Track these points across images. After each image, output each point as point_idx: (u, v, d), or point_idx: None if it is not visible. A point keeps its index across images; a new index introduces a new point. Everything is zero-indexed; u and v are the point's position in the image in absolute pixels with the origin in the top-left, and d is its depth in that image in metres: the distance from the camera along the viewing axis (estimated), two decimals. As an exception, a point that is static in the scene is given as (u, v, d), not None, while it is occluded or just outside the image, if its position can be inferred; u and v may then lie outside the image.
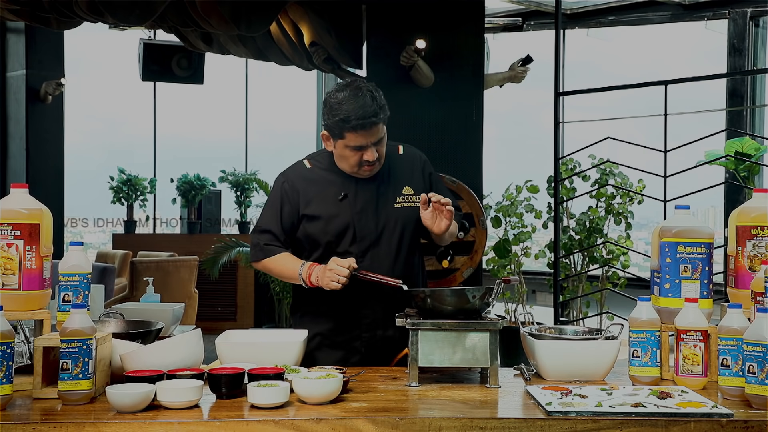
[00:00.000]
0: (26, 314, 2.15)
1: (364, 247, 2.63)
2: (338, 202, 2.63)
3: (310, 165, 2.72)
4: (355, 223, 2.62)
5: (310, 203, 2.64)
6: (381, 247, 2.64)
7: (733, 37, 7.40)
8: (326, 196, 2.64)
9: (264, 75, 10.94)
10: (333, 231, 2.62)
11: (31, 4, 5.40)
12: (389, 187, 2.67)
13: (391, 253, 2.64)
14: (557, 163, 5.68)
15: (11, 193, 2.18)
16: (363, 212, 2.63)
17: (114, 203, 9.31)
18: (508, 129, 10.48)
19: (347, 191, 2.64)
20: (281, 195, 2.68)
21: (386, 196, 2.66)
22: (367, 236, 2.63)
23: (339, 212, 2.62)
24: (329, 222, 2.62)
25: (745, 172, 6.12)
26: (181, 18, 5.54)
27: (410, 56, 5.68)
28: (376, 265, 2.60)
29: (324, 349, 2.68)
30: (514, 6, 8.43)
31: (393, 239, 2.65)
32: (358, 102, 2.50)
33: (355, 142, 2.54)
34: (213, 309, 8.37)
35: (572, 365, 2.31)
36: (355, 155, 2.57)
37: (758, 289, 2.16)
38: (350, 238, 2.63)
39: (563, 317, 6.30)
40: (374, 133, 2.53)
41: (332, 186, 2.65)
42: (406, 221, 2.66)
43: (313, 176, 2.68)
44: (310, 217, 2.64)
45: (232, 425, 1.87)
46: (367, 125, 2.50)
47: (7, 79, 8.84)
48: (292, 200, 2.66)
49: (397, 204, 2.66)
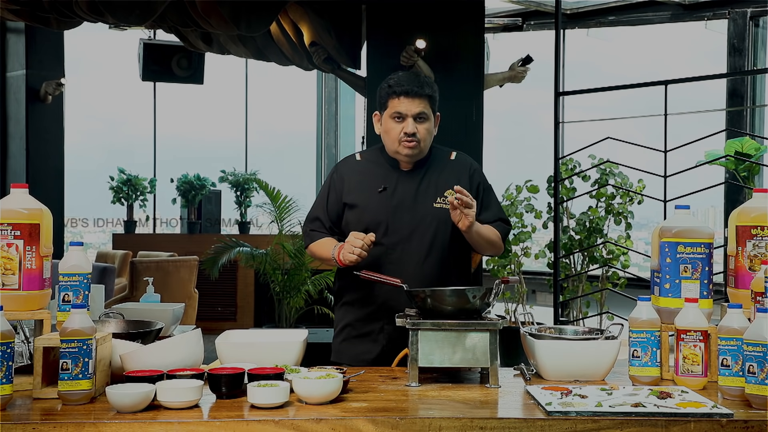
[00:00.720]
0: (26, 314, 2.15)
1: (396, 240, 2.67)
2: (377, 193, 2.71)
3: (360, 158, 2.84)
4: (389, 216, 2.69)
5: (351, 192, 2.75)
6: (412, 242, 2.68)
7: (733, 37, 7.40)
8: (367, 187, 2.74)
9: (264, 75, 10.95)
10: (367, 221, 2.70)
11: (31, 4, 5.40)
12: (431, 186, 2.72)
13: (422, 250, 2.68)
14: (557, 163, 5.68)
15: (11, 193, 2.18)
16: (399, 206, 2.70)
17: (114, 203, 9.31)
18: (508, 129, 10.50)
19: (388, 184, 2.72)
20: (330, 184, 2.81)
21: (426, 195, 2.72)
22: (399, 230, 2.68)
23: (376, 203, 2.71)
24: (365, 211, 2.71)
25: (745, 172, 6.12)
26: (181, 18, 5.55)
27: (410, 56, 5.68)
28: (405, 259, 2.66)
29: (350, 340, 2.75)
30: (514, 6, 8.43)
31: (426, 237, 2.68)
32: (410, 76, 2.70)
33: (397, 108, 2.65)
34: (213, 309, 8.37)
35: (572, 365, 2.31)
36: (397, 127, 2.67)
37: (758, 289, 2.16)
38: (383, 229, 2.68)
39: (563, 317, 6.30)
40: (417, 103, 2.64)
41: (375, 178, 2.74)
42: (443, 222, 2.69)
43: (360, 168, 2.80)
44: (350, 205, 2.74)
45: (232, 425, 1.87)
46: (411, 93, 2.63)
47: (7, 79, 8.84)
48: (338, 189, 2.77)
49: (437, 204, 2.71)
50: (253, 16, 5.55)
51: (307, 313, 7.22)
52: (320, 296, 7.12)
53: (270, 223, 7.55)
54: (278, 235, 7.21)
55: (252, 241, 7.71)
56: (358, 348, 2.74)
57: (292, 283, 6.91)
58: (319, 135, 11.00)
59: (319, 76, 10.66)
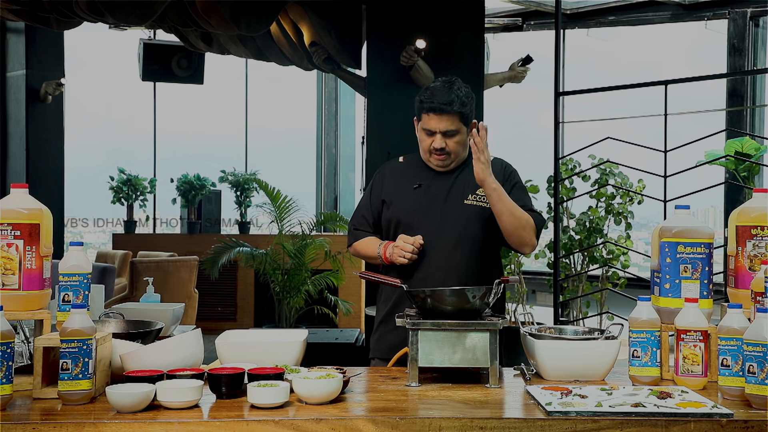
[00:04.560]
0: (26, 314, 2.15)
1: (426, 234, 2.72)
2: (413, 190, 2.79)
3: (402, 160, 2.92)
4: (421, 212, 2.75)
5: (389, 190, 2.84)
6: (442, 237, 2.72)
7: (733, 37, 7.40)
8: (403, 184, 2.82)
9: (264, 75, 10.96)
10: (398, 216, 2.78)
11: (31, 4, 5.40)
12: (465, 184, 2.77)
13: (450, 245, 2.72)
14: (557, 163, 5.68)
15: (11, 193, 2.18)
16: (431, 203, 2.76)
17: (114, 203, 9.31)
18: (508, 129, 10.50)
19: (423, 182, 2.79)
20: (373, 183, 2.90)
21: (458, 192, 2.77)
22: (430, 225, 2.73)
23: (410, 199, 2.78)
24: (399, 207, 2.79)
25: (745, 172, 6.12)
26: (181, 18, 5.55)
27: (410, 56, 5.68)
28: (432, 252, 2.70)
29: (384, 336, 2.79)
30: (514, 6, 8.43)
31: (454, 232, 2.72)
32: (442, 90, 2.69)
33: (427, 125, 2.71)
34: (213, 309, 8.37)
35: (572, 365, 2.31)
36: (427, 140, 2.73)
37: (758, 289, 2.16)
38: (416, 225, 2.74)
39: (563, 317, 6.30)
40: (445, 120, 2.68)
41: (412, 177, 2.82)
42: (473, 218, 2.73)
43: (400, 169, 2.89)
44: (387, 202, 2.83)
45: (232, 425, 1.87)
46: (438, 110, 2.66)
47: (7, 79, 8.84)
48: (378, 188, 2.87)
49: (468, 201, 2.75)
50: (253, 16, 5.55)
51: (307, 313, 7.22)
52: (320, 296, 7.12)
53: (270, 223, 7.55)
54: (278, 235, 7.20)
55: (252, 241, 7.70)
56: (389, 340, 2.77)
57: (292, 283, 6.90)
58: (319, 135, 11.00)
59: (319, 76, 10.66)
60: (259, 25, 5.77)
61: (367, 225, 2.87)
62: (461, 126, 2.71)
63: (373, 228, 2.86)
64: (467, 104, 2.71)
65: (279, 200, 7.18)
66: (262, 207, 7.66)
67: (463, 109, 2.69)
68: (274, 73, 12.05)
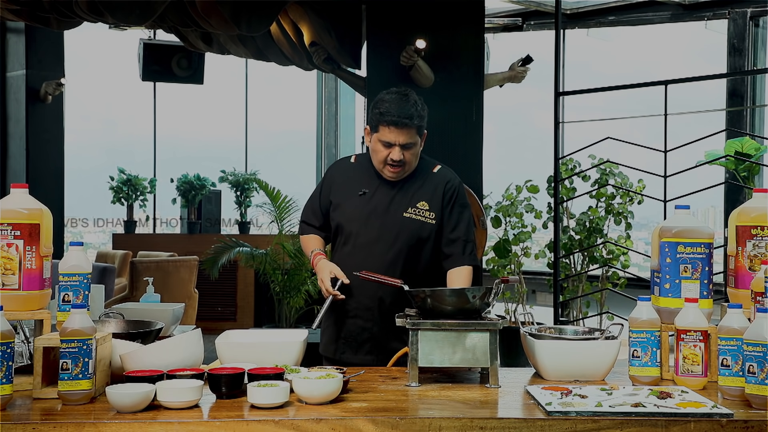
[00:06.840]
0: (26, 314, 2.15)
1: (363, 243, 2.77)
2: (357, 196, 2.82)
3: (354, 160, 2.95)
4: (362, 221, 2.78)
5: (337, 192, 2.87)
6: (379, 248, 2.76)
7: (733, 37, 7.40)
8: (350, 188, 2.85)
9: (264, 75, 10.95)
10: (341, 222, 2.82)
11: (31, 4, 5.40)
12: (406, 196, 2.79)
13: (387, 257, 2.74)
14: (557, 163, 5.68)
15: (11, 193, 2.18)
16: (372, 212, 2.80)
17: (114, 203, 9.31)
18: (508, 129, 10.49)
19: (369, 189, 2.82)
20: (324, 181, 2.95)
21: (399, 204, 2.79)
22: (368, 234, 2.77)
23: (354, 205, 2.82)
24: (343, 213, 2.83)
25: (745, 172, 6.12)
26: (181, 18, 5.55)
27: (410, 56, 5.68)
28: (369, 262, 2.73)
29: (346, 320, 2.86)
30: (514, 6, 8.43)
31: (391, 244, 2.75)
32: (400, 103, 2.72)
33: (385, 137, 2.72)
34: (213, 309, 8.36)
35: (572, 365, 2.31)
36: (384, 151, 2.74)
37: (758, 289, 2.16)
38: (356, 233, 2.78)
39: (563, 317, 6.30)
40: (405, 134, 2.70)
41: (359, 182, 2.85)
42: (410, 232, 2.76)
43: (350, 169, 2.91)
44: (334, 203, 2.87)
45: (232, 425, 1.87)
46: (400, 124, 2.69)
47: (7, 79, 8.84)
48: (328, 187, 2.91)
49: (407, 214, 2.77)
50: (253, 16, 5.55)
51: (307, 313, 7.22)
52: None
53: (270, 223, 7.55)
54: (278, 235, 7.21)
55: (252, 241, 7.70)
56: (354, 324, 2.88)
57: (292, 283, 6.90)
58: (319, 135, 11.00)
59: (319, 76, 10.66)
60: (259, 25, 5.77)
61: (314, 219, 2.93)
62: (417, 138, 2.75)
63: (321, 221, 2.91)
64: (424, 117, 2.77)
65: (279, 200, 7.19)
66: (262, 207, 7.67)
67: (421, 123, 2.75)
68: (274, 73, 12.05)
